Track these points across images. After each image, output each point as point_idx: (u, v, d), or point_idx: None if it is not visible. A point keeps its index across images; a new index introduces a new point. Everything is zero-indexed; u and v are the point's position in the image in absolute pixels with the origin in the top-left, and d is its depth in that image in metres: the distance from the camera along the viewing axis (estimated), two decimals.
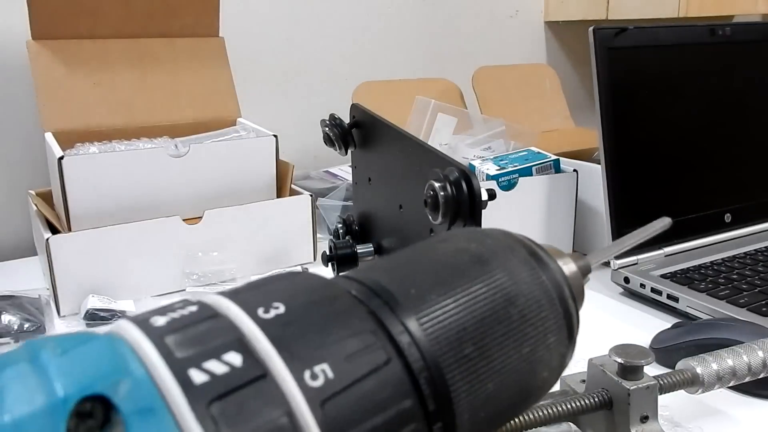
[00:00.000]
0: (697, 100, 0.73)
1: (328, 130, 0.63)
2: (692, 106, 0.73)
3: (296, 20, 1.02)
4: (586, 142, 0.90)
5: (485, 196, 0.44)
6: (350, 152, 0.65)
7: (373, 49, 1.09)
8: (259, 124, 0.78)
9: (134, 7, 0.75)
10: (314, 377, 0.19)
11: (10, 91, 0.82)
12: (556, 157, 0.75)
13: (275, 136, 0.73)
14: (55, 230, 0.64)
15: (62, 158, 0.61)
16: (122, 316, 0.59)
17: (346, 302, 0.22)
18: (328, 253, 0.61)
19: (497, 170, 0.71)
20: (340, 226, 0.67)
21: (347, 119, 0.63)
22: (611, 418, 0.38)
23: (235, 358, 0.18)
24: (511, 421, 0.34)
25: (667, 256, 0.68)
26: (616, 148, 0.67)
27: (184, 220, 0.67)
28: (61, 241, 0.61)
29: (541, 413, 0.36)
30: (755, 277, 0.63)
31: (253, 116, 0.82)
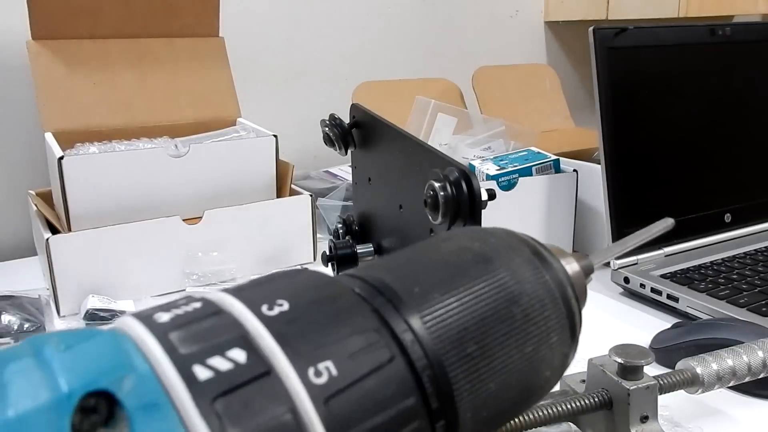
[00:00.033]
0: (697, 100, 0.73)
1: (328, 130, 0.63)
2: (692, 106, 0.73)
3: (296, 20, 1.02)
4: (586, 142, 0.90)
5: (485, 196, 0.44)
6: (350, 152, 0.64)
7: (373, 49, 1.09)
8: (259, 124, 0.78)
9: (134, 7, 0.75)
10: (318, 374, 0.19)
11: (10, 91, 0.82)
12: (556, 157, 0.75)
13: (275, 136, 0.73)
14: (55, 230, 0.64)
15: (62, 158, 0.61)
16: (122, 316, 0.59)
17: (349, 300, 0.22)
18: (328, 253, 0.61)
19: (497, 170, 0.71)
20: (340, 226, 0.67)
21: (347, 119, 0.63)
22: (611, 418, 0.38)
23: (239, 354, 0.18)
24: (511, 420, 0.34)
25: (667, 256, 0.68)
26: (616, 148, 0.67)
27: (184, 220, 0.67)
28: (61, 241, 0.61)
29: (541, 413, 0.36)
30: (755, 277, 0.63)
31: (253, 116, 0.82)
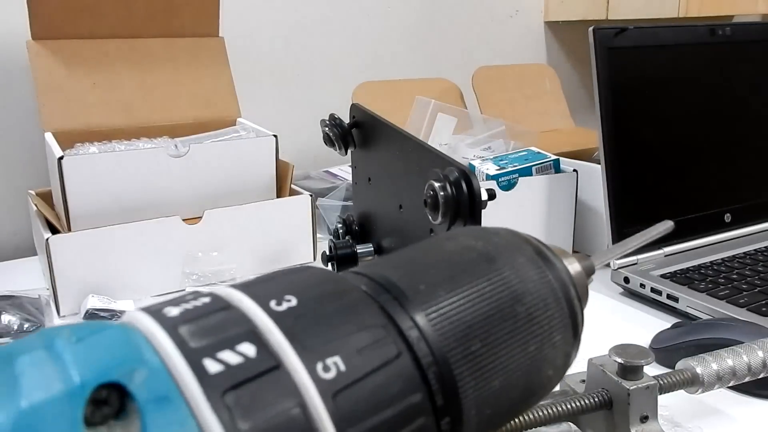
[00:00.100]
0: (697, 100, 0.73)
1: (328, 130, 0.63)
2: (692, 106, 0.73)
3: (296, 20, 1.02)
4: (586, 142, 0.90)
5: (485, 196, 0.44)
6: (350, 152, 0.65)
7: (373, 49, 1.10)
8: (259, 124, 0.78)
9: (134, 7, 0.75)
10: (326, 369, 0.19)
11: (10, 91, 0.82)
12: (556, 157, 0.75)
13: (275, 136, 0.73)
14: (55, 230, 0.64)
15: (62, 158, 0.61)
16: (122, 316, 0.59)
17: (356, 296, 0.22)
18: (328, 253, 0.61)
19: (497, 170, 0.71)
20: (340, 226, 0.67)
21: (347, 119, 0.63)
22: (611, 418, 0.38)
23: (248, 348, 0.18)
24: (514, 419, 0.34)
25: (667, 256, 0.68)
26: (616, 148, 0.67)
27: (183, 220, 0.67)
28: (61, 241, 0.60)
29: (541, 413, 0.36)
30: (755, 277, 0.63)
31: (253, 116, 0.82)
